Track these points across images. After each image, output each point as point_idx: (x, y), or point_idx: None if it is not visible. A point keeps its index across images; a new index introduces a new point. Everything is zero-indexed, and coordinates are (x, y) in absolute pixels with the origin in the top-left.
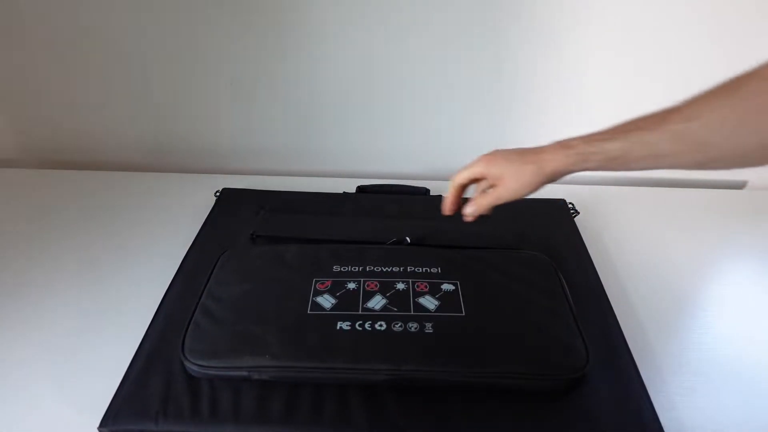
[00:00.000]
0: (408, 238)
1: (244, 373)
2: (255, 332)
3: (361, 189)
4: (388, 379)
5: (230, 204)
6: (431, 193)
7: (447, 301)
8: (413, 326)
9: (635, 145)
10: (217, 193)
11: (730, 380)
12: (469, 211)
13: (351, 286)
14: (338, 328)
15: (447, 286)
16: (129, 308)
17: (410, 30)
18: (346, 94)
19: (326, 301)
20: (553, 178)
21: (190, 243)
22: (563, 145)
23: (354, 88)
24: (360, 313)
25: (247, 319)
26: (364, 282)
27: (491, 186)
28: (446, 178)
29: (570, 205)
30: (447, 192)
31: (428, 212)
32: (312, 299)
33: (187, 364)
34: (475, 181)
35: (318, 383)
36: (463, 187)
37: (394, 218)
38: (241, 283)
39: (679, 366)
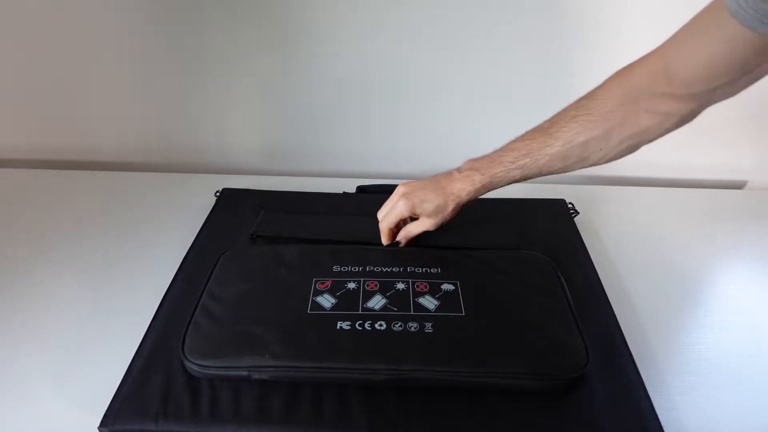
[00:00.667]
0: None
1: (244, 373)
2: (255, 332)
3: (361, 189)
4: (388, 379)
5: (230, 204)
6: None
7: (447, 301)
8: (413, 326)
9: (530, 170)
10: (217, 193)
11: (730, 380)
12: (402, 240)
13: (351, 285)
14: (338, 327)
15: (447, 286)
16: (129, 308)
17: (410, 30)
18: (346, 95)
19: (326, 300)
20: (459, 205)
21: (191, 243)
22: (468, 179)
23: (354, 88)
24: (360, 312)
25: (247, 319)
26: (364, 282)
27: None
28: None
29: (570, 205)
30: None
31: None
32: (312, 299)
33: (187, 364)
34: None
35: (318, 383)
36: (393, 228)
37: None
38: (241, 283)
39: (679, 366)
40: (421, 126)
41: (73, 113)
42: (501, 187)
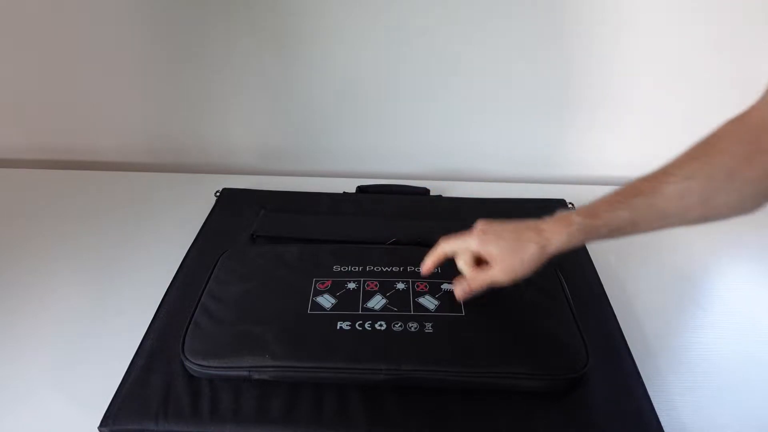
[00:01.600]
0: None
1: (245, 373)
2: (255, 332)
3: (361, 189)
4: (388, 378)
5: (230, 204)
6: (431, 193)
7: (447, 301)
8: (413, 326)
9: (641, 211)
10: (217, 193)
11: (730, 380)
12: (459, 294)
13: (351, 286)
14: (338, 327)
15: (447, 286)
16: (129, 308)
17: (410, 30)
18: (346, 95)
19: (326, 301)
20: (553, 256)
21: (190, 243)
22: (564, 221)
23: (354, 88)
24: (360, 313)
25: (247, 319)
26: (364, 282)
27: (482, 263)
28: (446, 178)
29: (570, 205)
30: (429, 254)
31: (428, 212)
32: (312, 299)
33: (187, 364)
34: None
35: (318, 383)
36: (446, 258)
37: (394, 218)
38: (241, 283)
39: (679, 366)
40: (421, 126)
41: (73, 113)
42: (605, 236)
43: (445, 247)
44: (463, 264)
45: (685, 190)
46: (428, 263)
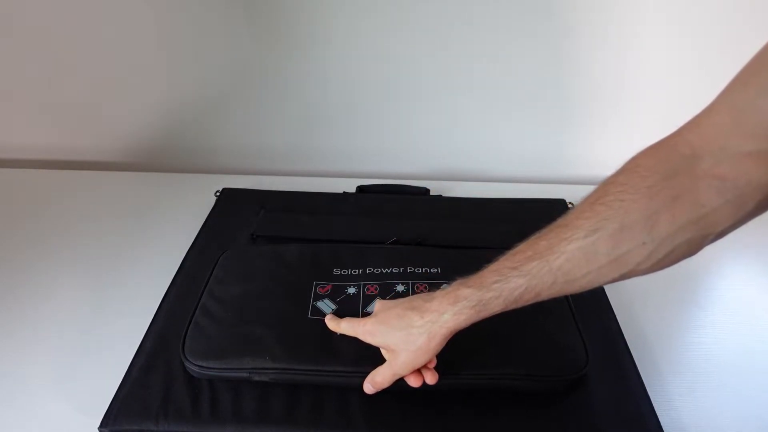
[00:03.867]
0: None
1: (245, 374)
2: (255, 333)
3: (361, 189)
4: None
5: (230, 204)
6: (431, 193)
7: None
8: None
9: (540, 278)
10: (217, 193)
11: (730, 380)
12: (367, 390)
13: (351, 291)
14: (339, 333)
15: (447, 286)
16: (129, 308)
17: (410, 30)
18: (346, 94)
19: (326, 306)
20: (450, 337)
21: (190, 243)
22: (450, 297)
23: (354, 88)
24: (360, 318)
25: (247, 321)
26: (364, 286)
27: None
28: (446, 178)
29: (570, 206)
30: None
31: (428, 212)
32: (312, 304)
33: (188, 365)
34: None
35: (318, 385)
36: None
37: (394, 218)
38: (241, 284)
39: (679, 366)
40: (421, 126)
41: (73, 113)
42: (501, 308)
43: (344, 330)
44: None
45: (591, 247)
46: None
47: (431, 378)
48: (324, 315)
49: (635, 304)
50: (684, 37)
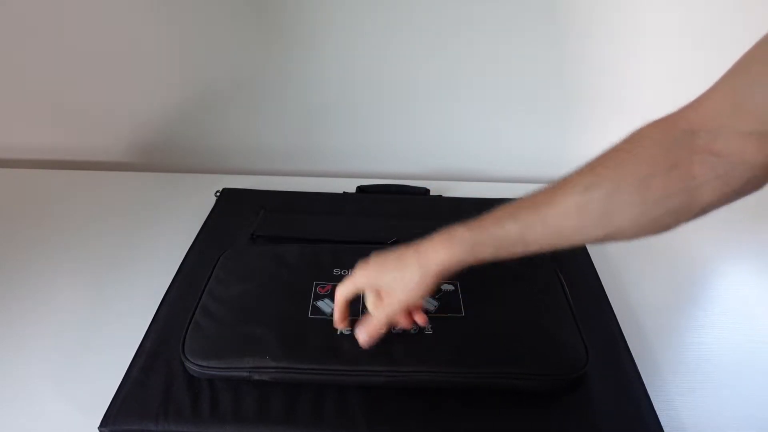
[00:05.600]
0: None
1: (245, 374)
2: (256, 333)
3: (361, 189)
4: (388, 380)
5: (230, 204)
6: (431, 193)
7: (446, 301)
8: (413, 327)
9: (533, 226)
10: (217, 193)
11: (730, 380)
12: (363, 340)
13: None
14: (339, 332)
15: (446, 287)
16: (129, 308)
17: (410, 30)
18: (346, 94)
19: (327, 306)
20: (443, 276)
21: (190, 243)
22: (447, 237)
23: (354, 88)
24: (360, 318)
25: (247, 320)
26: None
27: (379, 298)
28: (446, 178)
29: None
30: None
31: (428, 212)
32: (313, 303)
33: (188, 364)
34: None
35: (318, 384)
36: (349, 301)
37: (394, 218)
38: (241, 284)
39: (679, 366)
40: (421, 126)
41: (73, 113)
42: (492, 253)
43: (340, 296)
44: (368, 303)
45: (585, 203)
46: (337, 319)
47: (421, 319)
48: (324, 314)
49: (635, 304)
50: (685, 38)
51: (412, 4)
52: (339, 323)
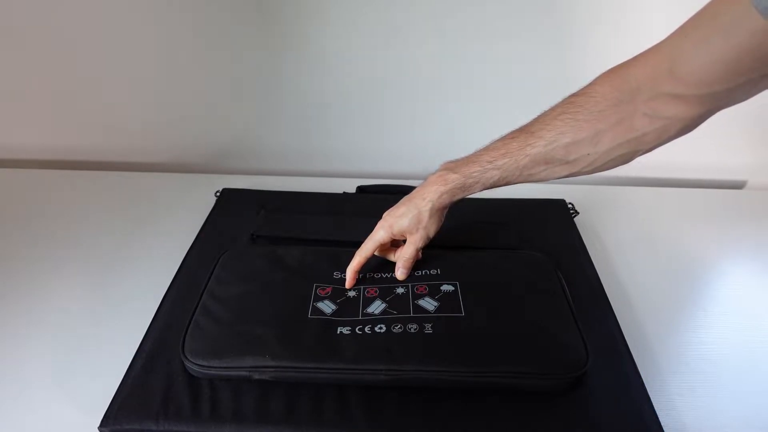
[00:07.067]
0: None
1: (245, 373)
2: (256, 332)
3: (361, 189)
4: (389, 379)
5: (230, 204)
6: None
7: (446, 302)
8: (413, 327)
9: (511, 171)
10: (217, 193)
11: (730, 380)
12: (400, 275)
13: (351, 293)
14: (338, 332)
15: (446, 287)
16: (129, 308)
17: (410, 30)
18: (346, 94)
19: (327, 306)
20: (446, 206)
21: (190, 243)
22: (443, 180)
23: (354, 87)
24: (360, 318)
25: (247, 320)
26: (364, 289)
27: (402, 242)
28: None
29: (570, 205)
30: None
31: None
32: (312, 304)
33: (188, 364)
34: (388, 249)
35: (318, 383)
36: (363, 265)
37: None
38: (241, 284)
39: (679, 366)
40: (421, 125)
41: (73, 113)
42: (479, 190)
43: (364, 252)
44: (392, 256)
45: (549, 154)
46: (350, 277)
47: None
48: (324, 314)
49: (635, 304)
50: None
51: (413, 4)
52: (350, 283)
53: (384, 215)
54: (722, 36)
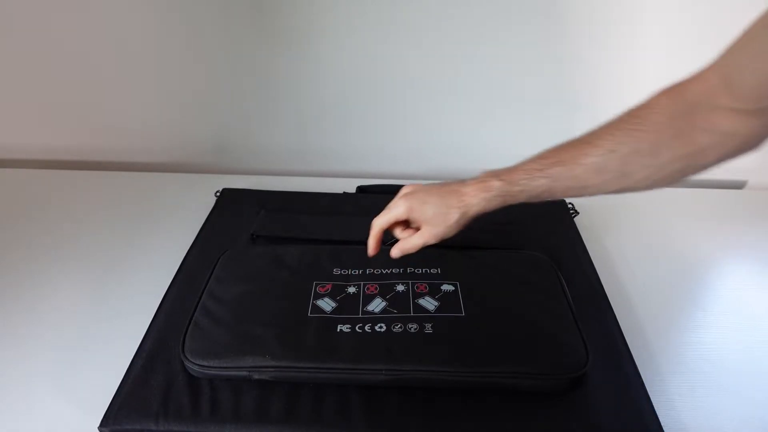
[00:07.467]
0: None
1: (245, 373)
2: (255, 332)
3: (361, 189)
4: (389, 379)
5: (230, 204)
6: None
7: (447, 301)
8: (413, 327)
9: (560, 180)
10: (217, 193)
11: (730, 380)
12: (395, 253)
13: (351, 290)
14: (338, 330)
15: (447, 287)
16: (129, 308)
17: (410, 30)
18: (346, 94)
19: (327, 304)
20: (475, 218)
21: (190, 243)
22: (484, 185)
23: (354, 87)
24: (360, 316)
25: (247, 320)
26: (364, 285)
27: (414, 227)
28: (446, 178)
29: (570, 205)
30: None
31: None
32: (312, 302)
33: (188, 364)
34: (398, 223)
35: (318, 383)
36: (384, 231)
37: None
38: (241, 284)
39: (679, 366)
40: (421, 126)
41: (73, 114)
42: (524, 199)
43: (379, 224)
44: (399, 232)
45: (606, 163)
46: (372, 245)
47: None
48: (324, 312)
49: (635, 304)
50: (686, 38)
51: (413, 4)
52: (372, 251)
53: (406, 192)
54: None
